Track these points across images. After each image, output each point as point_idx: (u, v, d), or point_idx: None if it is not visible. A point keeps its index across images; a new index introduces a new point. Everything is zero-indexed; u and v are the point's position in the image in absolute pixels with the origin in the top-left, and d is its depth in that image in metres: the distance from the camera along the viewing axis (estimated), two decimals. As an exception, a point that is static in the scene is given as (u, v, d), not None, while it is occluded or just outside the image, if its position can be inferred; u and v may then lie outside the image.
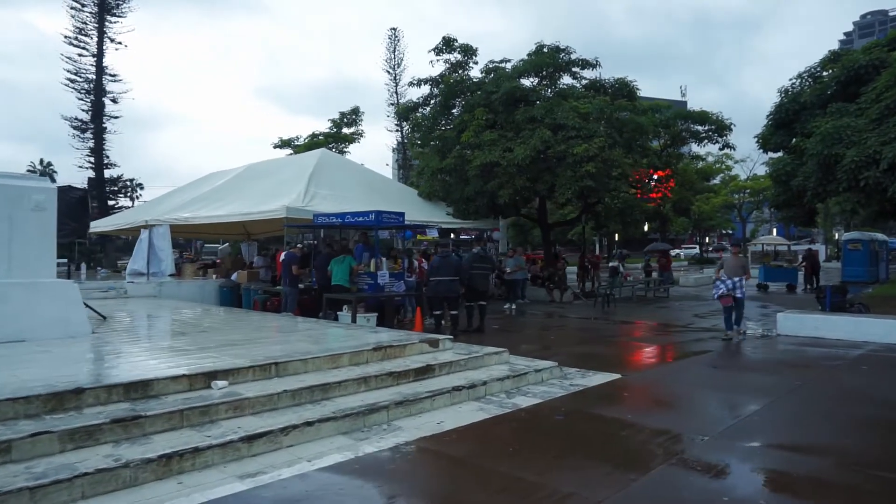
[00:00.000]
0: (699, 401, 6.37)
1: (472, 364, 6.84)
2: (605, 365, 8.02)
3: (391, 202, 17.10)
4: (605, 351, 9.59)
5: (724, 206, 39.43)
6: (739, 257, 11.21)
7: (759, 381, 7.09)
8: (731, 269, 10.63)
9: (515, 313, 15.93)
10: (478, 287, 11.60)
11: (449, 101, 18.88)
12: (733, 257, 10.99)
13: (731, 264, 10.76)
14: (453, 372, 6.57)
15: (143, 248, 18.47)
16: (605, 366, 7.90)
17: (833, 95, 16.89)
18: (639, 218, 18.43)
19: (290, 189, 15.68)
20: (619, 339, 11.04)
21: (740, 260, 11.07)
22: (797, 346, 9.96)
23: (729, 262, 10.87)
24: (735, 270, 10.58)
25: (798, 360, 8.63)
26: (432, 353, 7.00)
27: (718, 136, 19.24)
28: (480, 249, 11.78)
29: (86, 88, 46.85)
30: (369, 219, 11.92)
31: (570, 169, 15.94)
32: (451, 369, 6.57)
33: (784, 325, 11.34)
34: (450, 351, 7.15)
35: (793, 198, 16.89)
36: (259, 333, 8.28)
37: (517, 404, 5.94)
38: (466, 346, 7.67)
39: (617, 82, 18.52)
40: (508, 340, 10.74)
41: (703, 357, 8.96)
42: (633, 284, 20.85)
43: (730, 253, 11.34)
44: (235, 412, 4.81)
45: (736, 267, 10.68)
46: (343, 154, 32.51)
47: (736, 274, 10.51)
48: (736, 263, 10.78)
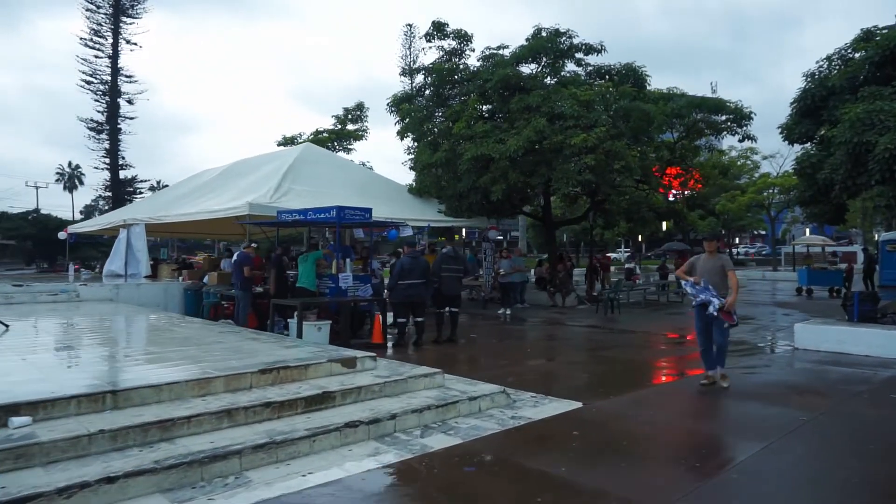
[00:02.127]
0: (668, 444, 4.96)
1: (391, 390, 5.55)
2: (570, 389, 6.64)
3: (376, 199, 15.91)
4: (579, 369, 8.17)
5: (753, 204, 37.12)
6: (719, 257, 6.95)
7: (755, 415, 5.64)
8: (706, 274, 6.77)
9: (509, 320, 14.58)
10: (448, 291, 10.30)
11: (441, 91, 17.58)
12: (708, 257, 6.92)
13: (707, 268, 6.83)
14: (362, 400, 5.30)
15: (120, 249, 17.66)
16: (569, 390, 6.53)
17: (866, 78, 15.10)
18: (647, 216, 16.81)
19: (265, 185, 14.63)
20: (604, 354, 9.60)
21: (720, 260, 6.89)
22: (815, 364, 8.41)
23: (702, 265, 6.89)
24: (712, 277, 6.74)
25: (812, 384, 7.11)
26: (345, 375, 5.74)
27: (738, 127, 17.50)
28: (451, 249, 10.48)
29: (101, 90, 46.96)
30: (331, 215, 10.73)
31: (568, 161, 14.51)
32: (359, 397, 5.30)
33: (802, 338, 9.77)
34: (369, 373, 5.88)
35: (819, 193, 15.09)
36: (148, 347, 7.10)
37: (427, 446, 4.63)
38: (396, 364, 6.38)
39: (624, 68, 16.97)
40: (474, 354, 9.43)
41: (696, 379, 7.49)
42: (645, 288, 19.27)
43: (704, 252, 7.09)
44: (17, 462, 3.61)
45: (713, 272, 6.77)
46: (348, 152, 31.46)
47: (714, 284, 6.69)
48: (713, 266, 6.82)
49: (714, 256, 6.93)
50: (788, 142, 16.71)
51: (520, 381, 7.18)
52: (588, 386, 6.92)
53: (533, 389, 6.55)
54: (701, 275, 6.81)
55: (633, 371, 8.11)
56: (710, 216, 46.53)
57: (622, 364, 8.63)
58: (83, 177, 75.30)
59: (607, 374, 7.87)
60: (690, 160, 19.40)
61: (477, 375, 7.13)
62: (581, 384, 7.01)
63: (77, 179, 78.13)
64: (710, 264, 6.86)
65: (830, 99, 15.44)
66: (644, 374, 8.09)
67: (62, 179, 77.84)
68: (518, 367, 8.34)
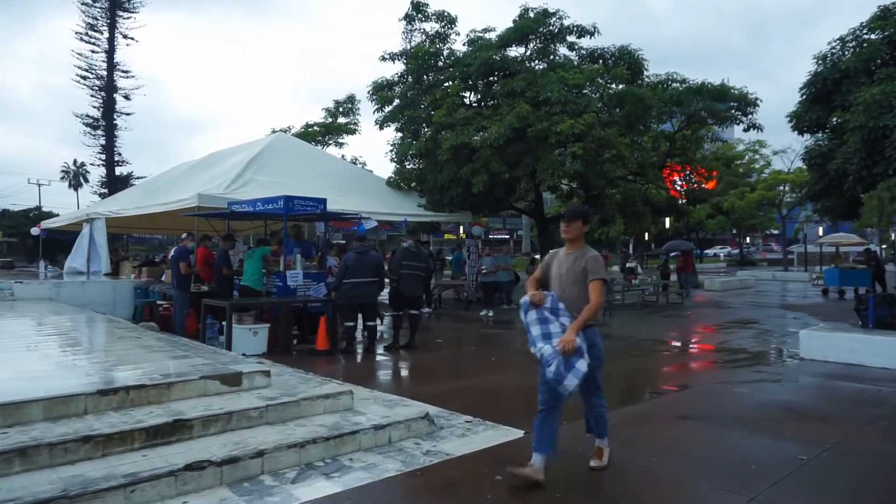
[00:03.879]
0: (620, 496, 3.77)
1: (276, 415, 4.40)
2: (521, 411, 5.45)
3: (350, 191, 14.81)
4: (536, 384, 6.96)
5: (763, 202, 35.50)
6: (583, 254, 3.87)
7: (740, 452, 4.42)
8: (560, 285, 3.92)
9: (491, 322, 13.43)
10: (408, 291, 9.14)
11: (422, 78, 16.42)
12: (567, 252, 3.95)
13: (562, 272, 3.91)
14: (233, 429, 4.15)
15: (83, 245, 16.69)
16: (518, 412, 5.34)
17: (883, 60, 13.76)
18: (642, 210, 15.52)
19: (226, 175, 13.55)
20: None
21: (583, 259, 3.84)
22: (821, 378, 7.15)
23: (557, 268, 3.96)
24: (569, 289, 3.86)
25: (816, 406, 5.87)
26: (223, 395, 4.60)
27: (742, 115, 16.18)
28: (412, 244, 9.32)
29: (97, 85, 46.26)
30: (278, 205, 9.62)
31: (554, 150, 13.31)
32: (228, 425, 4.15)
33: (808, 346, 8.49)
34: (256, 393, 4.72)
35: (831, 185, 13.77)
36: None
37: (292, 498, 3.47)
38: (298, 380, 5.23)
39: (619, 51, 15.71)
40: (427, 364, 8.24)
41: (675, 398, 6.27)
42: (644, 289, 17.99)
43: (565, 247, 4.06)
44: None
45: (571, 280, 3.86)
46: (340, 146, 30.34)
47: (570, 301, 3.83)
48: (571, 269, 3.87)
49: (576, 250, 3.86)
50: (798, 131, 15.35)
51: (464, 399, 6.01)
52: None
53: (474, 411, 5.38)
54: (553, 286, 3.92)
55: (605, 387, 6.88)
56: (719, 214, 44.97)
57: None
58: (88, 174, 75.03)
59: (574, 389, 6.65)
60: (693, 152, 18.11)
61: (413, 392, 5.97)
62: (533, 405, 5.80)
63: (82, 177, 77.84)
64: (568, 265, 3.84)
65: (844, 83, 14.06)
66: (618, 390, 6.87)
67: (67, 177, 77.66)
68: (471, 380, 7.16)
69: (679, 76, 16.15)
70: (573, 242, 3.96)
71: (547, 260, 4.12)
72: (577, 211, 4.01)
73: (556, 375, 3.57)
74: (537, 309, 3.73)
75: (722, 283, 23.13)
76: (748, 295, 20.30)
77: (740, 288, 23.33)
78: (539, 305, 3.74)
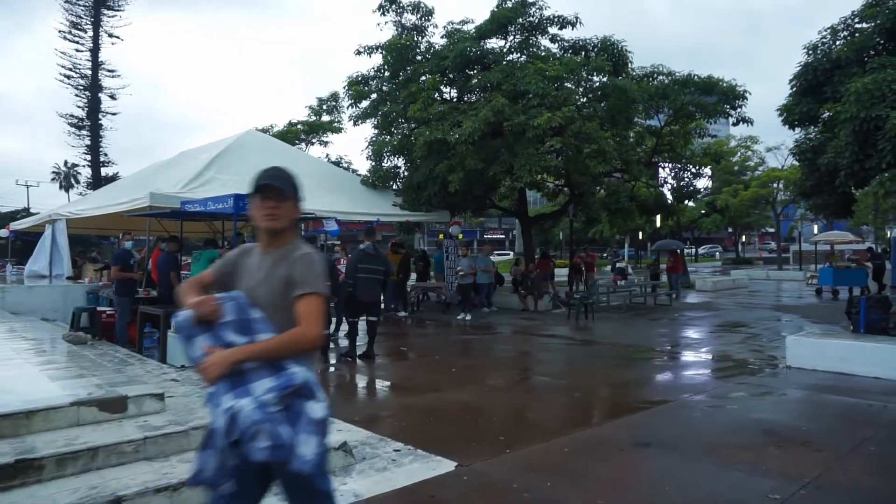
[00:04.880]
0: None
1: (156, 449, 3.74)
2: (458, 437, 4.81)
3: (320, 189, 14.09)
4: (495, 402, 6.29)
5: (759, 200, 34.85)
6: (289, 252, 2.12)
7: (700, 492, 3.77)
8: (253, 297, 2.10)
9: (469, 326, 12.81)
10: (364, 296, 8.47)
11: (398, 72, 15.75)
12: (264, 252, 2.17)
13: (258, 279, 2.12)
14: (98, 468, 3.48)
15: (45, 246, 16.01)
16: (454, 439, 4.70)
17: (875, 50, 13.14)
18: (627, 206, 14.85)
19: (187, 174, 12.88)
20: (542, 378, 7.75)
21: (290, 263, 2.09)
22: (807, 390, 6.51)
23: (251, 272, 2.17)
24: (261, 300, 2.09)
25: (798, 426, 5.21)
26: (104, 424, 3.93)
27: (731, 109, 15.55)
28: (369, 246, 8.64)
29: (82, 84, 45.49)
30: (228, 205, 8.98)
31: (532, 145, 12.65)
32: (92, 463, 3.48)
33: (795, 354, 7.86)
34: (142, 420, 4.05)
35: (822, 181, 13.17)
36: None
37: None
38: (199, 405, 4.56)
39: (602, 42, 15.05)
40: (375, 378, 7.58)
41: (641, 419, 5.60)
42: (630, 290, 17.35)
43: None
44: None
45: (267, 292, 2.10)
46: (325, 145, 29.64)
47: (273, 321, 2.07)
48: (269, 278, 2.10)
49: (278, 249, 2.14)
50: (788, 125, 14.70)
51: (404, 420, 5.36)
52: (486, 431, 5.06)
53: (409, 436, 4.72)
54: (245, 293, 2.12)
55: (564, 406, 6.22)
56: (714, 213, 44.35)
57: (556, 394, 6.74)
58: (79, 175, 74.08)
59: (526, 410, 5.98)
60: (682, 148, 17.46)
61: (348, 413, 5.32)
62: (480, 428, 5.15)
63: (73, 178, 76.87)
64: (263, 274, 2.11)
65: (835, 73, 13.43)
66: (579, 410, 6.21)
67: (58, 178, 76.80)
68: (421, 396, 6.50)
69: (665, 68, 15.48)
70: (275, 236, 2.15)
71: (230, 260, 2.27)
72: (284, 181, 2.14)
73: (272, 450, 1.82)
74: (212, 330, 1.98)
75: (714, 284, 22.49)
76: (740, 295, 19.67)
77: (733, 288, 22.70)
78: (212, 321, 1.99)
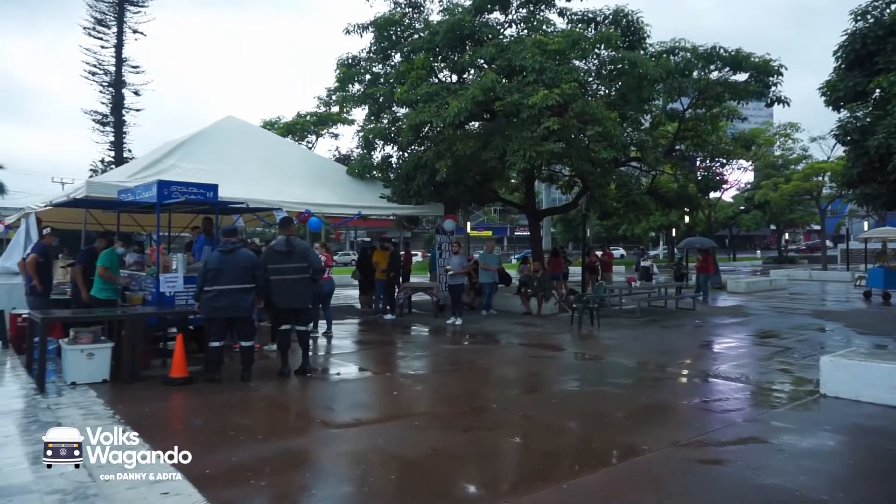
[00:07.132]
0: None
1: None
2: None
3: (297, 180, 12.88)
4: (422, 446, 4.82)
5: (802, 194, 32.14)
6: None
7: None
8: None
9: (457, 332, 11.35)
10: (282, 302, 6.99)
11: (387, 50, 14.35)
12: None
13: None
14: None
15: (19, 242, 15.18)
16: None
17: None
18: (640, 199, 13.06)
19: (142, 161, 11.81)
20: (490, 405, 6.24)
21: None
22: (847, 434, 4.85)
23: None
24: None
25: (835, 494, 3.60)
26: None
27: (764, 88, 13.63)
28: (283, 240, 7.09)
29: (106, 81, 45.51)
30: (151, 193, 7.71)
31: (526, 128, 11.08)
32: None
33: (832, 379, 6.14)
34: None
35: (871, 167, 11.21)
36: None
37: None
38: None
39: (613, 13, 13.33)
40: (295, 403, 6.04)
41: (603, 483, 4.06)
42: (649, 291, 15.59)
43: None
44: None
45: None
46: (336, 137, 28.45)
47: None
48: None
49: None
50: (833, 106, 12.68)
51: (269, 475, 3.94)
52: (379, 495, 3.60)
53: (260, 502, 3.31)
54: None
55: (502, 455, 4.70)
56: (754, 209, 41.54)
57: (499, 435, 5.21)
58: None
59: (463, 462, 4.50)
60: (708, 133, 15.58)
61: (204, 461, 3.94)
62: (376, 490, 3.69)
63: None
64: None
65: (889, 41, 11.47)
66: (522, 460, 4.68)
67: (95, 175, 78.23)
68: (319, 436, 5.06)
69: (688, 43, 13.63)
70: None
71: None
72: None
73: None
74: None
75: (748, 285, 20.41)
76: (777, 298, 17.65)
77: (769, 290, 20.58)
78: None
